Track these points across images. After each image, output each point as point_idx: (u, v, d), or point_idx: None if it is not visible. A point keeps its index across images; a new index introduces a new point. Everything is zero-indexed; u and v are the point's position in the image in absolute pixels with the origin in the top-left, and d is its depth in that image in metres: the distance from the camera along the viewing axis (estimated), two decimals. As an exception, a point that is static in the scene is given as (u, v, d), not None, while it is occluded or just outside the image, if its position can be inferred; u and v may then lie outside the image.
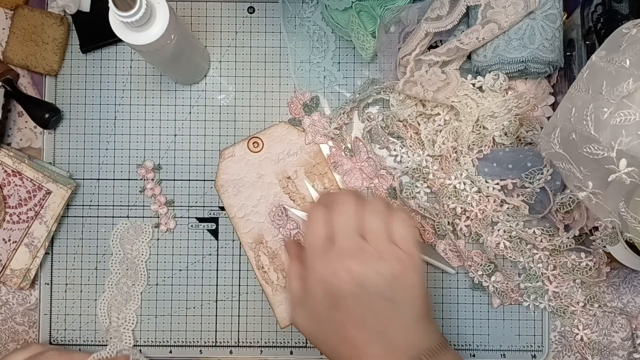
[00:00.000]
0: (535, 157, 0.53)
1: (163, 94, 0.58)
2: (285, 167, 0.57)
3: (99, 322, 0.57)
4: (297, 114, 0.57)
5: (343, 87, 0.58)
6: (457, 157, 0.54)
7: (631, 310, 0.57)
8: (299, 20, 0.57)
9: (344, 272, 0.40)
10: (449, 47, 0.51)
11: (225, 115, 0.58)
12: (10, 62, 0.57)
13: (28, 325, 0.58)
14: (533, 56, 0.50)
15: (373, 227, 0.42)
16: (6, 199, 0.56)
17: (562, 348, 0.57)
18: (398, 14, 0.53)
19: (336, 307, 0.41)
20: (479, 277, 0.54)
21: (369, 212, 0.42)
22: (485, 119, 0.53)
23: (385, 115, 0.55)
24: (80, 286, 0.57)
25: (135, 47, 0.45)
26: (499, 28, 0.50)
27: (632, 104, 0.36)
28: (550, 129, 0.43)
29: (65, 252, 0.57)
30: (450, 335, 0.57)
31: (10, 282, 0.56)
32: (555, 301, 0.55)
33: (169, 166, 0.58)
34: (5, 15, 0.57)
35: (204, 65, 0.57)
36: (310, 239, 0.43)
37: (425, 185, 0.56)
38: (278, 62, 0.58)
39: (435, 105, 0.54)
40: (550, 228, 0.54)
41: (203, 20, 0.58)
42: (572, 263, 0.53)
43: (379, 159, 0.56)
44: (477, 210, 0.54)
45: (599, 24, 0.48)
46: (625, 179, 0.37)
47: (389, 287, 0.41)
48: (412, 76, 0.53)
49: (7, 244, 0.56)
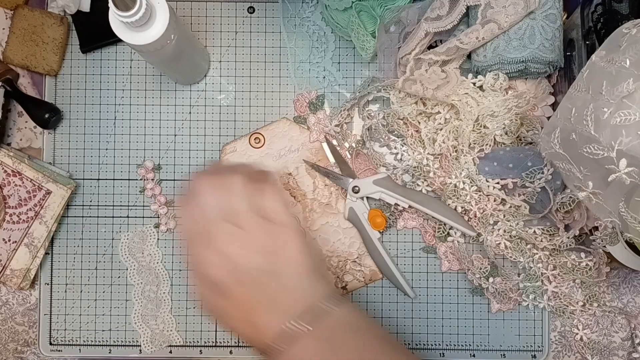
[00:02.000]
0: (535, 157, 0.53)
1: (163, 94, 0.58)
2: (286, 163, 0.57)
3: (99, 323, 0.57)
4: (303, 111, 0.57)
5: (343, 87, 0.58)
6: (458, 156, 0.54)
7: (631, 310, 0.57)
8: (299, 20, 0.57)
9: (218, 260, 0.40)
10: (448, 47, 0.51)
11: (225, 115, 0.58)
12: (10, 62, 0.57)
13: (28, 325, 0.58)
14: (533, 56, 0.50)
15: (239, 209, 0.42)
16: (6, 199, 0.56)
17: (562, 348, 0.57)
18: (398, 14, 0.53)
19: (223, 296, 0.41)
20: (478, 280, 0.54)
21: (234, 195, 0.42)
22: (485, 118, 0.53)
23: (385, 113, 0.55)
24: (80, 286, 0.57)
25: (135, 47, 0.45)
26: (499, 28, 0.50)
27: (632, 104, 0.36)
28: (551, 129, 0.43)
29: (65, 252, 0.57)
30: (450, 335, 0.57)
31: (10, 282, 0.56)
32: (554, 301, 0.55)
33: (169, 166, 0.58)
34: (5, 15, 0.57)
35: (204, 65, 0.57)
36: (184, 230, 0.43)
37: (426, 184, 0.56)
38: (278, 62, 0.58)
39: (435, 104, 0.54)
40: (550, 228, 0.54)
41: (203, 20, 0.58)
42: (572, 263, 0.53)
43: (379, 155, 0.56)
44: (476, 209, 0.54)
45: (599, 24, 0.48)
46: (625, 179, 0.37)
47: (267, 261, 0.41)
48: (411, 75, 0.53)
49: (7, 244, 0.56)
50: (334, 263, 0.56)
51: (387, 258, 0.55)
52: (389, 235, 0.57)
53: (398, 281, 0.55)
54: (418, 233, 0.57)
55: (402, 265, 0.57)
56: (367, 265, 0.56)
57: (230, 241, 0.41)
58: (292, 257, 0.42)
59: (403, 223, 0.56)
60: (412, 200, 0.54)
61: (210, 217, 0.41)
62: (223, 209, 0.42)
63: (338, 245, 0.57)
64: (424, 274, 0.57)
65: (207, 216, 0.41)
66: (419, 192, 0.55)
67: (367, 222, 0.55)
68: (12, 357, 0.58)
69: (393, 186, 0.55)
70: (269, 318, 0.40)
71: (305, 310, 0.40)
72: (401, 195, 0.54)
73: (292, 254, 0.42)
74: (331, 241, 0.57)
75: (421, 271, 0.57)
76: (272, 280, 0.41)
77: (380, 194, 0.55)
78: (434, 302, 0.57)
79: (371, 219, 0.55)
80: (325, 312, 0.40)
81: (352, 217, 0.55)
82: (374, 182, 0.55)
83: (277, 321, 0.40)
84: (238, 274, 0.40)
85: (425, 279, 0.57)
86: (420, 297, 0.57)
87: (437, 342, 0.57)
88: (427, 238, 0.56)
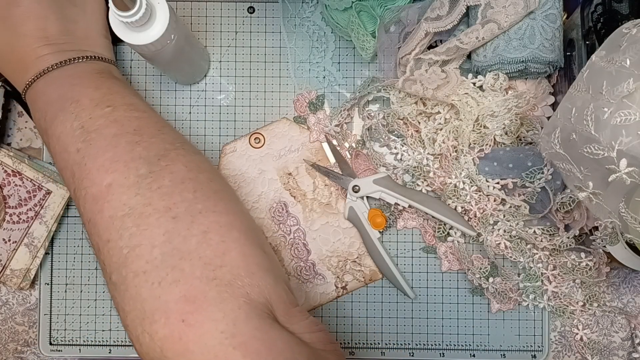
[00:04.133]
0: (535, 157, 0.53)
1: (163, 94, 0.58)
2: (286, 163, 0.57)
3: (99, 323, 0.57)
4: (303, 112, 0.57)
5: (343, 87, 0.58)
6: (458, 156, 0.54)
7: (631, 310, 0.57)
8: (299, 20, 0.57)
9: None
10: (448, 47, 0.51)
11: (225, 115, 0.58)
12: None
13: (28, 325, 0.58)
14: (533, 56, 0.50)
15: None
16: (6, 199, 0.56)
17: (562, 348, 0.57)
18: (398, 14, 0.53)
19: (15, 3, 0.45)
20: (478, 280, 0.54)
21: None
22: (485, 118, 0.53)
23: (385, 113, 0.55)
24: (80, 286, 0.57)
25: (135, 47, 0.45)
26: (499, 28, 0.50)
27: (632, 104, 0.36)
28: (551, 129, 0.43)
29: (65, 252, 0.57)
30: (450, 335, 0.57)
31: (10, 282, 0.56)
32: (554, 301, 0.55)
33: (169, 166, 0.58)
34: (5, 15, 0.57)
35: (204, 65, 0.57)
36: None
37: (426, 184, 0.56)
38: (278, 62, 0.58)
39: (435, 104, 0.55)
40: (550, 228, 0.54)
41: (203, 20, 0.58)
42: (572, 263, 0.53)
43: (379, 155, 0.56)
44: (476, 209, 0.54)
45: (599, 24, 0.48)
46: (625, 179, 0.37)
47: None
48: (411, 75, 0.53)
49: (7, 244, 0.56)
50: (334, 263, 0.56)
51: (387, 258, 0.55)
52: (389, 235, 0.57)
53: (398, 281, 0.55)
54: (418, 233, 0.57)
55: (402, 265, 0.57)
56: (367, 265, 0.56)
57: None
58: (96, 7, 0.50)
59: (403, 223, 0.56)
60: (412, 199, 0.54)
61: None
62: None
63: (338, 245, 0.57)
64: (424, 274, 0.57)
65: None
66: (419, 192, 0.55)
67: (367, 222, 0.55)
68: (12, 357, 0.58)
69: (393, 185, 0.55)
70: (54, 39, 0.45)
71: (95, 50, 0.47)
72: (401, 194, 0.54)
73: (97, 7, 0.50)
74: (331, 241, 0.57)
75: (421, 271, 0.57)
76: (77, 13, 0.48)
77: (381, 194, 0.55)
78: (434, 302, 0.57)
79: (371, 219, 0.55)
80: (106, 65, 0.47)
81: (352, 216, 0.55)
82: (374, 182, 0.55)
83: (55, 46, 0.45)
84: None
85: (425, 279, 0.57)
86: (420, 297, 0.57)
87: (437, 342, 0.57)
88: (427, 238, 0.56)
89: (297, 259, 0.56)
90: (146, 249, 0.38)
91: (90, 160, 0.40)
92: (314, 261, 0.56)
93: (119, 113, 0.43)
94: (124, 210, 0.39)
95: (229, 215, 0.41)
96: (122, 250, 0.38)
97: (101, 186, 0.40)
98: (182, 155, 0.43)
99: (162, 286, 0.37)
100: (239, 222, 0.42)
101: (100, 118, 0.42)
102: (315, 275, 0.56)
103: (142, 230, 0.38)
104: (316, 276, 0.56)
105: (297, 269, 0.56)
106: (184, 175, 0.41)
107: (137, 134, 0.42)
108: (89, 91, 0.43)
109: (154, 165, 0.40)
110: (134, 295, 0.37)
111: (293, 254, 0.56)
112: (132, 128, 0.42)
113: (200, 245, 0.38)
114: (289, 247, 0.56)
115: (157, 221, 0.38)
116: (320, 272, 0.56)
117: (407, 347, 0.57)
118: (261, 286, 0.39)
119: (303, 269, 0.56)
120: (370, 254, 0.56)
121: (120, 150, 0.40)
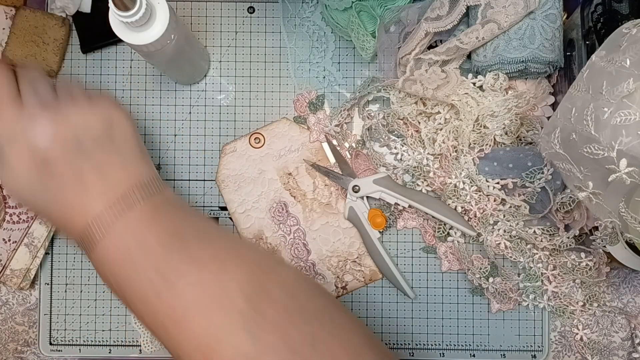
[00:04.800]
0: (535, 157, 0.53)
1: (163, 94, 0.58)
2: (286, 163, 0.57)
3: (99, 323, 0.57)
4: (303, 112, 0.57)
5: (343, 87, 0.58)
6: (458, 156, 0.54)
7: (631, 310, 0.57)
8: (299, 20, 0.57)
9: (55, 127, 0.41)
10: (448, 47, 0.51)
11: (225, 115, 0.58)
12: (9, 63, 0.57)
13: (28, 325, 0.58)
14: (533, 56, 0.50)
15: (65, 92, 0.44)
16: (6, 199, 0.56)
17: (562, 348, 0.57)
18: (398, 14, 0.53)
19: (48, 173, 0.41)
20: (478, 280, 0.54)
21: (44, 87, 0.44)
22: (485, 118, 0.53)
23: (385, 113, 0.55)
24: (80, 286, 0.57)
25: (135, 47, 0.45)
26: (499, 28, 0.50)
27: (632, 104, 0.36)
28: (551, 129, 0.43)
29: (65, 252, 0.57)
30: (450, 335, 0.57)
31: (10, 282, 0.56)
32: (554, 301, 0.55)
33: (169, 166, 0.58)
34: (5, 15, 0.57)
35: (204, 65, 0.57)
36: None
37: (426, 184, 0.56)
38: (278, 62, 0.58)
39: (435, 104, 0.55)
40: (550, 228, 0.54)
41: (203, 20, 0.58)
42: (572, 263, 0.53)
43: (379, 155, 0.56)
44: (476, 209, 0.54)
45: (599, 24, 0.48)
46: (625, 179, 0.37)
47: (105, 133, 0.43)
48: (411, 75, 0.53)
49: (7, 244, 0.56)
50: (334, 263, 0.56)
51: (387, 258, 0.55)
52: (388, 235, 0.57)
53: (398, 281, 0.55)
54: (418, 233, 0.57)
55: (402, 265, 0.57)
56: (367, 265, 0.56)
57: (72, 109, 0.42)
58: (127, 132, 0.44)
59: (403, 223, 0.56)
60: (412, 199, 0.54)
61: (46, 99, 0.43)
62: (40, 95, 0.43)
63: (338, 245, 0.57)
64: (424, 274, 0.57)
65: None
66: (419, 192, 0.55)
67: (367, 222, 0.55)
68: (12, 357, 0.58)
69: (393, 185, 0.55)
70: (98, 190, 0.41)
71: (139, 183, 0.42)
72: (401, 194, 0.54)
73: (127, 131, 0.44)
74: (331, 241, 0.57)
75: (421, 271, 0.57)
76: (109, 149, 0.43)
77: (381, 194, 0.55)
78: (434, 302, 0.57)
79: (371, 219, 0.55)
80: (156, 190, 0.43)
81: (352, 216, 0.55)
82: (374, 182, 0.55)
83: (103, 191, 0.41)
84: (74, 143, 0.41)
85: (425, 279, 0.57)
86: (420, 297, 0.57)
87: (437, 342, 0.57)
88: (427, 238, 0.56)
89: (297, 259, 0.57)
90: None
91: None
92: (314, 261, 0.57)
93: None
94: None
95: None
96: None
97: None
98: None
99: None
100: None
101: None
102: (315, 275, 0.56)
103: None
104: (316, 276, 0.56)
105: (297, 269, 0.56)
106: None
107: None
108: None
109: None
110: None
111: (293, 254, 0.56)
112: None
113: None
114: (289, 247, 0.57)
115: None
116: (320, 272, 0.56)
117: (407, 347, 0.57)
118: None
119: (303, 269, 0.56)
120: (370, 254, 0.56)
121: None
